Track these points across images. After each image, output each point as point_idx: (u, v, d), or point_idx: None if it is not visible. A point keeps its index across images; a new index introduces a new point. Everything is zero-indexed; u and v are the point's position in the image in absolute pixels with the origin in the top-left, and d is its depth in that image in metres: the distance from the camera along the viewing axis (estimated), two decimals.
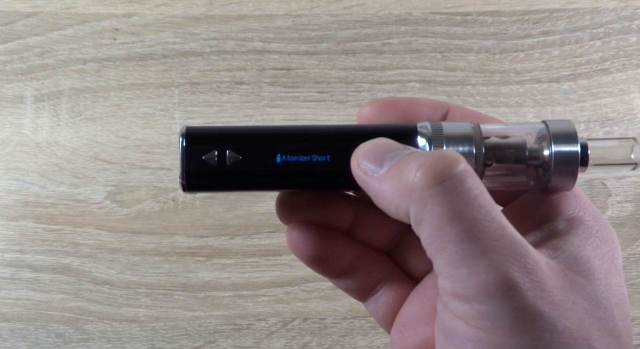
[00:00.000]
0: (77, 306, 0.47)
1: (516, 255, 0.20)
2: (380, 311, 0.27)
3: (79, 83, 0.50)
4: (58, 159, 0.49)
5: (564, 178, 0.23)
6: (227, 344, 0.46)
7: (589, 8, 0.51)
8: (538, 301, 0.20)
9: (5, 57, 0.51)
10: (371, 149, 0.22)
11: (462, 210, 0.20)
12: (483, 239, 0.20)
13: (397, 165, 0.21)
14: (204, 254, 0.48)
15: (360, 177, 0.22)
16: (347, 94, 0.50)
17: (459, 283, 0.20)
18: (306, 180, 0.24)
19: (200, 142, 0.23)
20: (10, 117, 0.50)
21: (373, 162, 0.22)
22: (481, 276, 0.19)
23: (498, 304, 0.19)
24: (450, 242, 0.20)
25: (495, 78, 0.50)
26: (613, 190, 0.48)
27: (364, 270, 0.27)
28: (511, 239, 0.20)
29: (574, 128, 0.23)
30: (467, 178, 0.20)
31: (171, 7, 0.51)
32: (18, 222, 0.48)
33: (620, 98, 0.50)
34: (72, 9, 0.51)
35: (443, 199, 0.20)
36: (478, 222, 0.20)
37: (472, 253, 0.19)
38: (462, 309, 0.20)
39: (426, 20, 0.51)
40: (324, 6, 0.51)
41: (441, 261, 0.20)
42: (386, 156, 0.22)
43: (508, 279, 0.19)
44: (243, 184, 0.24)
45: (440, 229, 0.20)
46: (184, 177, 0.23)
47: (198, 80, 0.50)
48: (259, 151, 0.23)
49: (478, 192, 0.20)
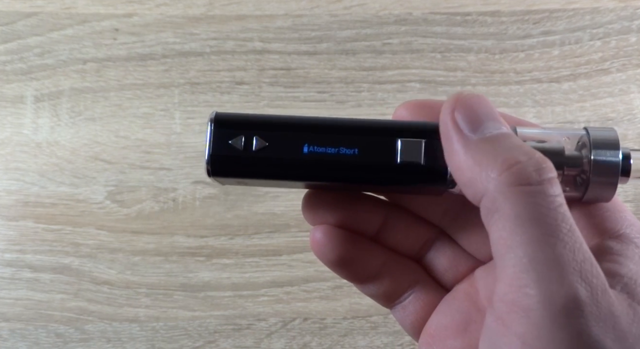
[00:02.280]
0: (77, 306, 0.47)
1: (590, 274, 0.18)
2: (408, 320, 0.26)
3: (79, 83, 0.50)
4: (58, 159, 0.49)
5: (603, 188, 0.22)
6: (227, 344, 0.46)
7: (589, 8, 0.51)
8: (601, 331, 0.18)
9: (5, 57, 0.51)
10: (473, 105, 0.21)
11: (545, 214, 0.19)
12: (560, 247, 0.18)
13: (495, 141, 0.20)
14: (204, 254, 0.48)
15: (448, 128, 0.21)
16: (347, 94, 0.50)
17: (522, 290, 0.18)
18: (332, 173, 0.23)
19: (228, 126, 0.23)
20: (10, 117, 0.50)
21: (470, 119, 0.21)
22: (550, 288, 0.18)
23: (561, 324, 0.18)
24: (524, 244, 0.18)
25: (495, 78, 0.50)
26: None
27: (390, 276, 0.26)
28: (586, 256, 0.19)
29: (616, 136, 0.22)
30: (555, 186, 0.19)
31: (171, 7, 0.51)
32: (18, 222, 0.48)
33: (620, 98, 0.50)
34: (72, 9, 0.51)
35: (528, 199, 0.19)
36: (559, 229, 0.18)
37: (545, 260, 0.18)
38: (520, 323, 0.18)
39: (426, 20, 0.51)
40: (324, 6, 0.51)
41: (509, 261, 0.19)
42: (487, 122, 0.20)
43: (576, 298, 0.18)
44: (268, 172, 0.23)
45: (517, 225, 0.19)
46: (209, 160, 0.23)
47: (198, 80, 0.50)
48: (287, 139, 0.23)
49: (562, 202, 0.19)
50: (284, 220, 0.47)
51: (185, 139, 0.49)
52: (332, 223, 0.26)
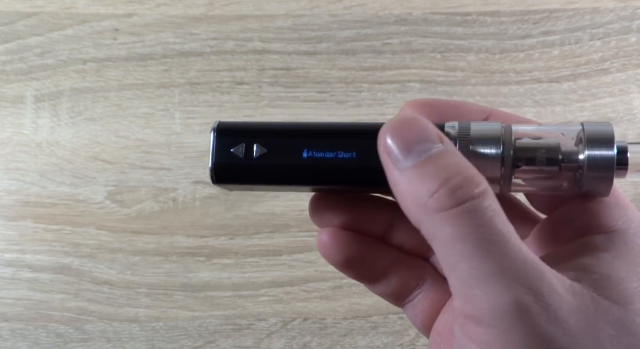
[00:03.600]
0: (77, 306, 0.47)
1: (528, 278, 0.19)
2: (418, 318, 0.27)
3: (79, 83, 0.50)
4: (58, 159, 0.49)
5: (599, 183, 0.22)
6: (227, 344, 0.46)
7: (589, 8, 0.51)
8: (550, 327, 0.19)
9: (5, 57, 0.51)
10: (402, 129, 0.21)
11: (474, 231, 0.19)
12: (494, 259, 0.19)
13: (421, 168, 0.21)
14: (204, 254, 0.48)
15: (382, 157, 0.21)
16: (347, 94, 0.50)
17: (471, 304, 0.19)
18: (332, 176, 0.24)
19: (230, 135, 0.24)
20: (10, 117, 0.50)
21: (399, 146, 0.21)
22: (492, 298, 0.19)
23: (508, 327, 0.19)
24: (462, 262, 0.19)
25: (495, 78, 0.50)
26: None
27: (399, 276, 0.27)
28: (524, 261, 0.19)
29: (611, 131, 0.22)
30: (484, 201, 0.20)
31: (171, 7, 0.51)
32: (18, 222, 0.48)
33: (620, 98, 0.50)
34: (72, 9, 0.51)
35: (456, 220, 0.20)
36: (490, 242, 0.19)
37: (483, 273, 0.19)
38: (475, 332, 0.20)
39: (426, 20, 0.51)
40: (324, 6, 0.51)
41: (453, 280, 0.20)
42: (414, 146, 0.21)
43: (518, 302, 0.19)
44: (269, 177, 0.24)
45: (451, 247, 0.20)
46: (213, 168, 0.24)
47: (198, 80, 0.50)
48: (286, 145, 0.23)
49: (493, 214, 0.20)
50: (284, 220, 0.47)
51: (185, 139, 0.49)
52: (338, 225, 0.26)
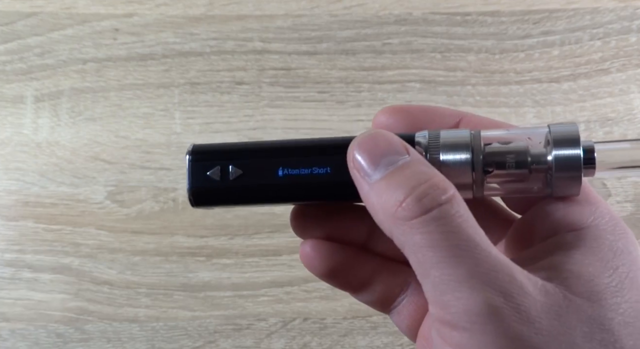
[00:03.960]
0: (77, 306, 0.47)
1: (498, 280, 0.20)
2: (404, 323, 0.27)
3: (79, 83, 0.50)
4: (58, 159, 0.49)
5: (568, 183, 0.22)
6: (227, 344, 0.46)
7: (589, 8, 0.51)
8: (522, 328, 0.19)
9: (5, 57, 0.51)
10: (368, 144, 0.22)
11: (443, 238, 0.20)
12: (464, 264, 0.20)
13: (388, 179, 0.21)
14: (204, 254, 0.48)
15: (352, 173, 0.22)
16: (347, 94, 0.50)
17: (444, 309, 0.20)
18: (308, 192, 0.24)
19: (205, 159, 0.24)
20: (10, 117, 0.50)
21: (367, 160, 0.22)
22: (463, 302, 0.19)
23: (481, 330, 0.19)
24: (433, 268, 0.20)
25: (495, 78, 0.50)
26: (613, 190, 0.48)
27: (382, 282, 0.27)
28: (494, 265, 0.20)
29: (576, 131, 0.22)
30: (451, 207, 0.20)
31: (171, 7, 0.51)
32: (18, 222, 0.48)
33: (620, 98, 0.50)
34: (72, 9, 0.51)
35: (425, 228, 0.20)
36: (459, 248, 0.20)
37: (453, 278, 0.20)
38: (450, 336, 0.20)
39: (426, 20, 0.51)
40: (324, 6, 0.51)
41: (427, 286, 0.20)
42: (381, 159, 0.22)
43: (489, 305, 0.19)
44: (247, 197, 0.24)
45: (422, 254, 0.20)
46: (191, 192, 0.24)
47: (198, 80, 0.50)
48: (260, 165, 0.24)
49: (461, 220, 0.20)
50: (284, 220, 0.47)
51: (185, 139, 0.49)
52: (321, 236, 0.26)
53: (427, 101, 0.49)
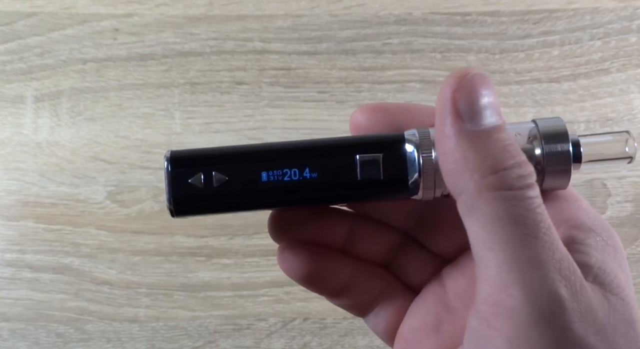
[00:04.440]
0: (77, 306, 0.47)
1: (568, 271, 0.19)
2: (380, 326, 0.27)
3: (79, 83, 0.50)
4: (58, 159, 0.49)
5: (558, 177, 0.23)
6: (227, 344, 0.46)
7: (589, 8, 0.51)
8: (583, 326, 0.18)
9: (5, 57, 0.51)
10: (476, 89, 0.20)
11: (524, 215, 0.19)
12: (540, 247, 0.18)
13: (487, 137, 0.20)
14: (204, 254, 0.48)
15: (445, 109, 0.20)
16: (347, 94, 0.50)
17: (506, 290, 0.18)
18: (294, 196, 0.23)
19: (186, 165, 0.23)
20: (10, 117, 0.50)
21: (469, 105, 0.20)
22: (532, 287, 0.18)
23: (546, 322, 0.18)
24: (504, 244, 0.18)
25: (495, 78, 0.50)
26: (613, 190, 0.48)
27: (360, 286, 0.26)
28: (563, 253, 0.19)
29: (564, 125, 0.23)
30: (534, 190, 0.19)
31: (171, 7, 0.51)
32: (18, 222, 0.48)
33: (620, 98, 0.50)
34: (72, 9, 0.51)
35: (507, 201, 0.19)
36: (538, 229, 0.19)
37: (526, 259, 0.18)
38: (505, 324, 0.18)
39: (426, 20, 0.51)
40: (324, 6, 0.51)
41: (490, 262, 0.19)
42: (485, 111, 0.20)
43: (558, 296, 0.18)
44: (232, 204, 0.23)
45: (496, 226, 0.19)
46: (171, 202, 0.23)
47: (198, 80, 0.50)
48: (245, 171, 0.23)
49: (540, 203, 0.19)
50: None
51: (185, 139, 0.49)
52: (298, 240, 0.26)
53: (427, 101, 0.49)
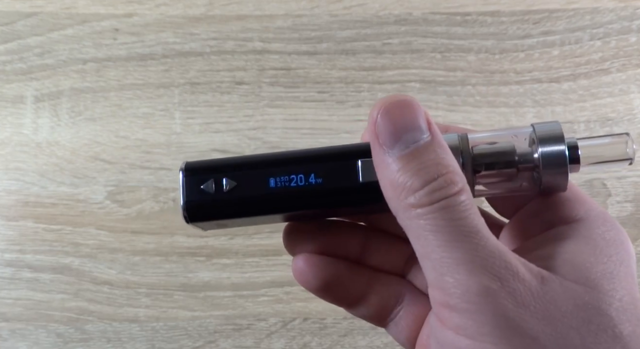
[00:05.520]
0: (77, 306, 0.47)
1: (495, 266, 0.20)
2: (402, 335, 0.27)
3: (79, 83, 0.50)
4: (58, 159, 0.49)
5: (556, 179, 0.23)
6: (227, 344, 0.46)
7: (589, 8, 0.51)
8: (518, 310, 0.20)
9: (5, 57, 0.51)
10: (395, 113, 0.22)
11: (447, 224, 0.20)
12: (465, 249, 0.20)
13: (406, 161, 0.21)
14: (204, 254, 0.48)
15: (370, 135, 0.22)
16: (347, 94, 0.50)
17: (443, 291, 0.20)
18: (301, 202, 0.24)
19: (198, 173, 0.24)
20: (10, 117, 0.50)
21: (389, 131, 0.21)
22: (462, 284, 0.20)
23: (478, 310, 0.20)
24: (434, 251, 0.20)
25: (495, 78, 0.50)
26: (613, 190, 0.48)
27: (377, 295, 0.27)
28: (492, 251, 0.21)
29: (560, 129, 0.23)
30: (459, 197, 0.21)
31: (171, 7, 0.51)
32: (18, 222, 0.48)
33: (620, 98, 0.50)
34: (72, 9, 0.51)
35: (432, 215, 0.21)
36: (461, 234, 0.20)
37: (453, 262, 0.20)
38: (449, 317, 0.21)
39: (426, 20, 0.51)
40: (324, 6, 0.51)
41: (428, 268, 0.21)
42: (404, 135, 0.21)
43: (486, 287, 0.20)
44: (242, 209, 0.25)
45: (424, 238, 0.21)
46: (185, 207, 0.24)
47: (198, 80, 0.50)
48: (253, 176, 0.24)
49: (465, 209, 0.21)
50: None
51: (185, 139, 0.49)
52: (313, 252, 0.27)
53: (427, 101, 0.49)
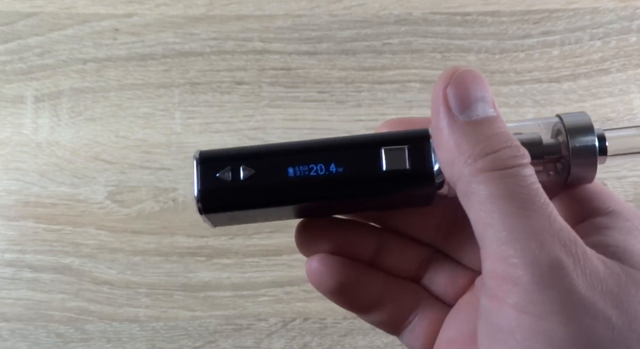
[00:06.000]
0: (77, 306, 0.47)
1: (568, 240, 0.19)
2: (418, 342, 0.26)
3: (79, 83, 0.50)
4: (58, 159, 0.49)
5: (584, 170, 0.23)
6: (227, 344, 0.46)
7: (589, 8, 0.51)
8: (589, 289, 0.19)
9: (6, 57, 0.51)
10: (467, 83, 0.21)
11: (517, 191, 0.20)
12: (536, 218, 0.19)
13: (479, 126, 0.21)
14: (204, 254, 0.48)
15: (437, 104, 0.21)
16: (347, 94, 0.50)
17: (508, 261, 0.19)
18: (320, 191, 0.23)
19: (214, 161, 0.23)
20: (10, 117, 0.50)
21: (460, 98, 0.21)
22: (532, 255, 0.19)
23: (548, 284, 0.19)
24: (502, 219, 0.19)
25: (495, 78, 0.50)
26: (613, 190, 0.48)
27: (392, 300, 0.26)
28: (562, 225, 0.20)
29: (589, 120, 0.23)
30: (527, 169, 0.20)
31: (171, 7, 0.51)
32: (18, 222, 0.48)
33: (620, 98, 0.50)
34: (72, 9, 0.51)
35: (501, 180, 0.20)
36: (533, 202, 0.19)
37: (524, 230, 0.19)
38: (511, 292, 0.19)
39: (426, 20, 0.51)
40: (324, 6, 0.51)
41: (490, 237, 0.20)
42: (474, 103, 0.21)
43: (559, 261, 0.19)
44: (259, 199, 0.23)
45: (492, 204, 0.19)
46: (199, 197, 0.23)
47: (198, 80, 0.50)
48: (272, 165, 0.23)
49: (534, 180, 0.20)
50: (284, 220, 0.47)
51: (185, 139, 0.49)
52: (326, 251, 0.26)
53: (427, 101, 0.49)
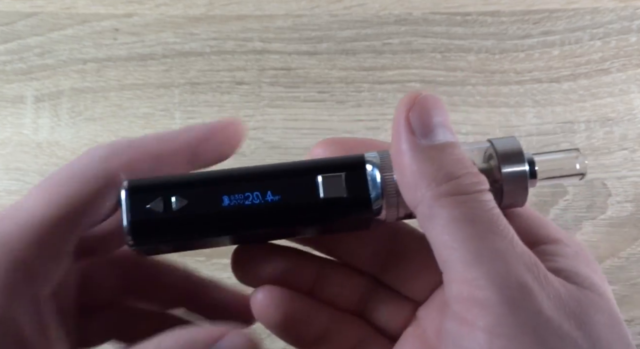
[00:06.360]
0: None
1: (530, 264, 0.20)
2: None
3: (79, 83, 0.50)
4: (58, 159, 0.49)
5: (517, 195, 0.23)
6: None
7: (589, 8, 0.51)
8: (555, 312, 0.19)
9: (5, 57, 0.51)
10: (429, 108, 0.21)
11: (480, 215, 0.20)
12: (500, 241, 0.19)
13: (441, 151, 0.21)
14: (204, 254, 0.48)
15: (400, 127, 0.21)
16: (347, 94, 0.50)
17: (475, 283, 0.19)
18: (256, 220, 0.23)
19: (144, 191, 0.22)
20: (10, 117, 0.50)
21: (422, 122, 0.21)
22: (499, 276, 0.19)
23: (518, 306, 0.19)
24: (466, 242, 0.19)
25: (495, 78, 0.50)
26: (613, 190, 0.48)
27: (338, 335, 0.26)
28: (525, 250, 0.20)
29: (519, 145, 0.23)
30: (487, 195, 0.21)
31: (171, 7, 0.51)
32: None
33: (620, 98, 0.50)
34: (72, 9, 0.51)
35: (463, 204, 0.20)
36: (496, 226, 0.20)
37: (489, 253, 0.19)
38: (480, 316, 0.19)
39: (426, 20, 0.51)
40: (324, 6, 0.51)
41: (455, 260, 0.20)
42: (438, 128, 0.21)
43: (524, 283, 0.19)
44: (193, 228, 0.23)
45: (456, 227, 0.20)
46: (129, 230, 0.22)
47: (198, 80, 0.50)
48: (206, 194, 0.22)
49: (494, 206, 0.20)
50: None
51: None
52: (265, 279, 0.25)
53: None
